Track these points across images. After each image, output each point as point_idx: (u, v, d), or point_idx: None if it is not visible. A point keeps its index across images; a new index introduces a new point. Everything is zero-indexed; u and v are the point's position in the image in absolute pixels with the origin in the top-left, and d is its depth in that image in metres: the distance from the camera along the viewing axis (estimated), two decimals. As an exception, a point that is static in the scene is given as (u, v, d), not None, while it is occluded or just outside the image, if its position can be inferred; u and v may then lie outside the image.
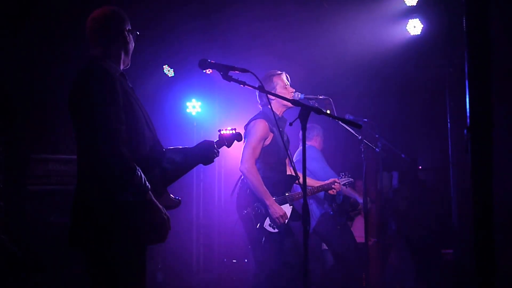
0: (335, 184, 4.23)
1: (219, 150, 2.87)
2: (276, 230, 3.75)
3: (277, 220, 3.71)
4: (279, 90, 3.89)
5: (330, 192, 4.27)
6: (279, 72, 4.01)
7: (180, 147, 2.84)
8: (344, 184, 4.41)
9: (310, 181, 4.20)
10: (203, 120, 7.02)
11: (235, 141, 3.07)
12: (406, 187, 6.22)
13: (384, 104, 6.30)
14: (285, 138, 3.96)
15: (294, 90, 3.96)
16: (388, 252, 6.01)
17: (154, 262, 6.48)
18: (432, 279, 5.82)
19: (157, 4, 6.20)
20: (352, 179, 4.52)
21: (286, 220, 3.78)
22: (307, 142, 4.12)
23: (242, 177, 3.89)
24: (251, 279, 3.92)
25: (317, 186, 4.23)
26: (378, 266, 5.73)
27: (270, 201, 3.72)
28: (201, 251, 6.91)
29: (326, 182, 4.28)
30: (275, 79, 3.96)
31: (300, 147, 5.14)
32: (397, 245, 6.17)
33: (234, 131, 3.07)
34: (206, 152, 2.81)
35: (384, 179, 5.33)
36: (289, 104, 3.62)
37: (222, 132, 3.03)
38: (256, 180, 3.73)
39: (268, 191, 3.75)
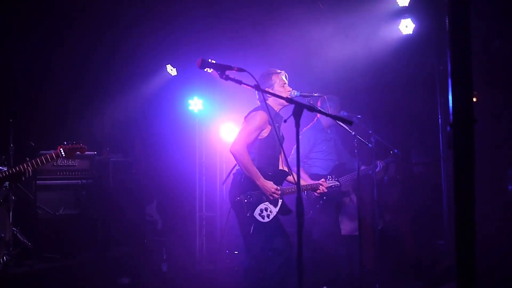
0: (320, 186, 4.28)
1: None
2: (265, 220, 3.80)
3: (271, 196, 3.79)
4: (277, 88, 3.99)
5: (316, 192, 4.30)
6: (279, 71, 4.09)
7: None
8: (329, 187, 4.42)
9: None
10: (204, 117, 7.18)
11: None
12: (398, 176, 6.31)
13: (377, 101, 6.39)
14: (280, 134, 4.03)
15: (291, 89, 4.04)
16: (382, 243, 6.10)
17: (159, 254, 6.71)
18: (424, 269, 5.93)
19: (159, 5, 6.39)
20: (339, 183, 4.54)
21: (280, 197, 3.84)
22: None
23: (236, 168, 3.95)
24: (242, 272, 3.99)
25: (304, 185, 4.25)
26: (372, 257, 5.84)
27: (261, 180, 3.79)
28: (203, 243, 7.07)
29: (315, 182, 4.34)
30: (273, 77, 4.05)
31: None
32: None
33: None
34: None
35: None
36: (285, 101, 3.78)
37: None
38: (247, 161, 3.77)
39: (258, 172, 3.79)
